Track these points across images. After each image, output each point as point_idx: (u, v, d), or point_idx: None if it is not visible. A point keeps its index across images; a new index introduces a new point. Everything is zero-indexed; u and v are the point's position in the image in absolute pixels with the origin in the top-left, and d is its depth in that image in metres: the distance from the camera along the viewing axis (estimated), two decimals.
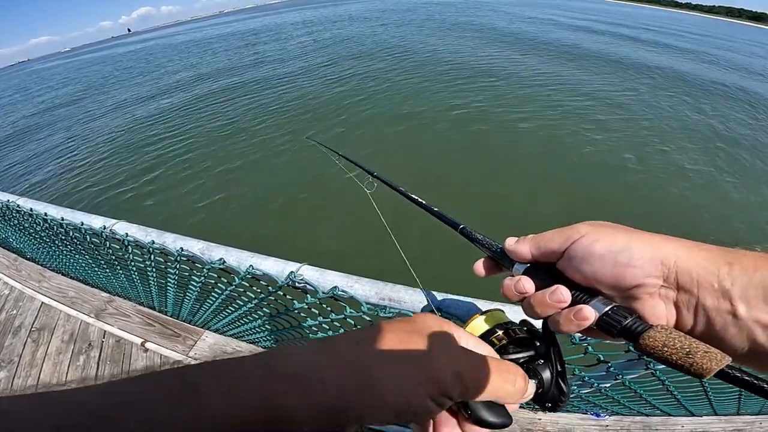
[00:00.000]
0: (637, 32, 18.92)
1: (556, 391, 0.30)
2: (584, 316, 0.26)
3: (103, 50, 39.64)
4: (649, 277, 0.24)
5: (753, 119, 6.96)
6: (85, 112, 10.15)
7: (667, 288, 0.24)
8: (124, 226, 0.99)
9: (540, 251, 0.30)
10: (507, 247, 0.33)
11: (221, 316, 1.41)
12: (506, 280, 0.32)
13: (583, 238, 0.27)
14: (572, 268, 0.28)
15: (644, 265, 0.24)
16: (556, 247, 0.29)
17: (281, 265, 0.87)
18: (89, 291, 1.85)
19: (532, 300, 0.29)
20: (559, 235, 0.29)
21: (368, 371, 0.21)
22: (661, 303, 0.25)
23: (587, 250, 0.27)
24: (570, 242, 0.28)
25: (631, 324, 0.24)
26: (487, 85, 7.73)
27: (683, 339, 0.22)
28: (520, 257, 0.32)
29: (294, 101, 7.68)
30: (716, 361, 0.20)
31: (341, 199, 3.80)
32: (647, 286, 0.25)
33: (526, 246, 0.31)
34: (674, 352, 0.22)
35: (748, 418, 1.17)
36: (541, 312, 0.29)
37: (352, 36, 15.74)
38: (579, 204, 3.99)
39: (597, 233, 0.27)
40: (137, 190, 5.06)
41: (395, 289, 0.79)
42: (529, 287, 0.30)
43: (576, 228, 0.28)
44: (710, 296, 0.22)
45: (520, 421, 1.32)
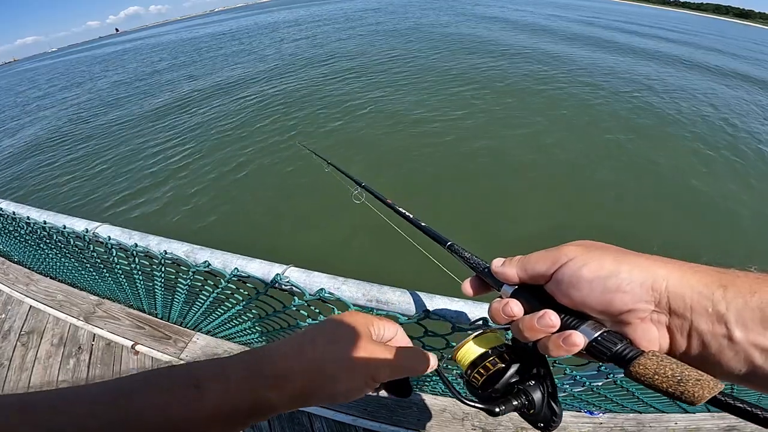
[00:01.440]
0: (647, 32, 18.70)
1: (548, 412, 0.30)
2: (573, 342, 0.26)
3: (90, 50, 39.13)
4: (640, 303, 0.24)
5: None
6: (70, 113, 10.06)
7: (659, 313, 0.24)
8: (107, 229, 0.98)
9: (527, 274, 0.30)
10: (493, 269, 0.32)
11: (211, 318, 1.42)
12: (494, 303, 0.31)
13: (570, 261, 0.27)
14: (560, 293, 0.28)
15: (634, 291, 0.24)
16: (543, 270, 0.29)
17: (267, 267, 0.87)
18: (78, 294, 1.84)
19: (521, 324, 0.29)
20: (546, 258, 0.29)
21: (324, 370, 0.29)
22: (653, 327, 0.25)
23: (575, 275, 0.26)
24: (557, 266, 0.28)
25: (622, 350, 0.24)
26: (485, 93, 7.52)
27: (674, 366, 0.22)
28: (506, 279, 0.31)
29: (284, 103, 7.57)
30: (708, 389, 0.20)
31: (332, 205, 3.77)
32: (638, 311, 0.24)
33: (513, 269, 0.31)
34: (665, 380, 0.22)
35: None
36: (530, 336, 0.29)
37: (345, 35, 15.58)
38: (572, 214, 3.94)
39: (585, 257, 0.27)
40: (122, 194, 5.01)
41: (382, 291, 0.79)
42: (517, 311, 0.30)
43: (563, 251, 0.28)
44: (704, 321, 0.22)
45: (514, 420, 1.34)
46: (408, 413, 1.39)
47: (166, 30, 46.41)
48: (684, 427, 1.19)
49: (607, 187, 4.45)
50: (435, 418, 1.37)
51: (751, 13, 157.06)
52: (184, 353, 1.61)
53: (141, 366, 1.61)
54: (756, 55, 16.12)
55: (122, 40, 46.81)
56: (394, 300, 0.77)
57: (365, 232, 3.47)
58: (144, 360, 1.62)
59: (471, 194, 4.24)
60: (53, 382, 1.61)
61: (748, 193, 4.54)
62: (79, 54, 35.49)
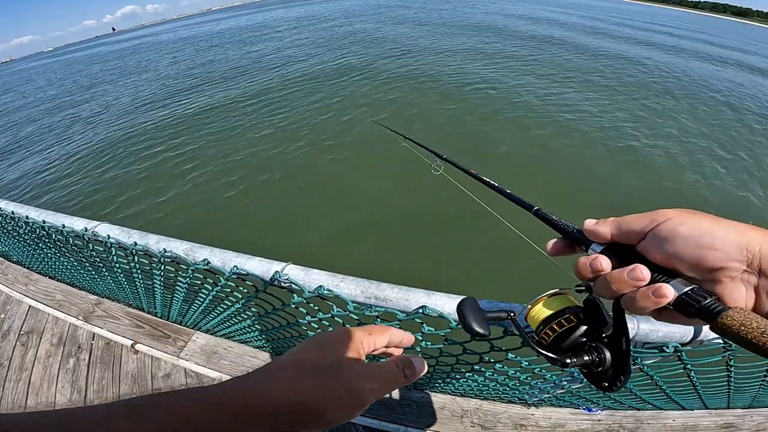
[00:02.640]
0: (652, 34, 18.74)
1: (616, 371, 0.31)
2: (663, 293, 0.27)
3: (87, 49, 39.03)
4: (733, 261, 0.25)
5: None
6: (71, 111, 10.08)
7: (750, 273, 0.25)
8: (107, 228, 1.00)
9: (621, 232, 0.31)
10: (586, 228, 0.34)
11: (211, 317, 1.44)
12: (582, 258, 0.32)
13: (669, 220, 0.29)
14: (654, 249, 0.29)
15: (728, 249, 0.26)
16: (639, 228, 0.30)
17: (266, 265, 0.89)
18: (77, 293, 1.86)
19: (609, 277, 0.30)
20: (644, 218, 0.30)
21: (309, 407, 0.28)
22: (742, 287, 0.26)
23: (672, 231, 0.28)
24: (655, 224, 0.29)
25: (710, 304, 0.25)
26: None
27: (760, 320, 0.23)
28: (599, 237, 0.33)
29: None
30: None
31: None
32: (729, 269, 0.26)
33: (607, 227, 0.32)
34: (750, 332, 0.23)
35: (738, 411, 1.20)
36: (617, 289, 0.30)
37: (354, 32, 15.54)
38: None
39: (683, 217, 0.28)
40: (124, 193, 5.01)
41: (380, 288, 0.80)
42: (606, 265, 0.31)
43: (662, 212, 0.30)
44: None
45: (513, 417, 1.36)
46: (407, 411, 1.41)
47: (164, 29, 46.17)
48: (681, 424, 1.21)
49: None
50: (434, 415, 1.39)
51: (749, 12, 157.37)
52: (184, 352, 1.63)
53: (141, 365, 1.63)
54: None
55: (120, 39, 46.76)
56: (393, 297, 0.79)
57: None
58: (144, 359, 1.64)
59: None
60: (53, 381, 1.64)
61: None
62: (76, 53, 35.50)
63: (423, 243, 3.41)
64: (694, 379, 0.90)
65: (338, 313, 0.89)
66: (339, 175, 4.63)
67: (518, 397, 1.31)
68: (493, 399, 1.38)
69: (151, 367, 1.62)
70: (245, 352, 1.61)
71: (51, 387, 1.62)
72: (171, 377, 1.59)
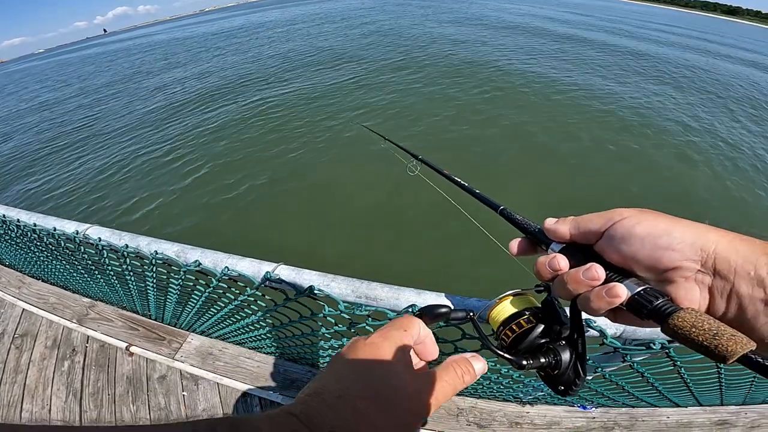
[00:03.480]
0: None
1: (572, 374, 0.31)
2: (616, 293, 0.27)
3: (79, 51, 39.02)
4: (687, 261, 0.26)
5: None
6: (62, 113, 10.08)
7: (704, 273, 0.26)
8: (97, 231, 1.01)
9: (579, 231, 0.32)
10: (546, 227, 0.34)
11: (204, 318, 1.46)
12: (540, 258, 0.33)
13: (624, 220, 0.29)
14: (611, 248, 0.29)
15: (684, 249, 0.26)
16: (596, 227, 0.30)
17: (257, 266, 0.91)
18: (70, 296, 1.88)
19: (566, 277, 0.30)
20: (601, 217, 0.31)
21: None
22: (696, 287, 0.26)
23: (628, 232, 0.28)
24: (611, 223, 0.30)
25: (662, 305, 0.25)
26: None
27: (711, 322, 0.23)
28: (558, 237, 0.33)
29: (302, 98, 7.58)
30: (741, 345, 0.21)
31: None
32: (684, 269, 0.26)
33: (566, 225, 0.33)
34: (701, 334, 0.22)
35: (732, 408, 1.22)
36: (573, 289, 0.30)
37: (342, 32, 15.55)
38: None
39: (639, 216, 0.29)
40: (120, 196, 5.03)
41: (371, 287, 0.82)
42: (563, 264, 0.31)
43: (618, 211, 0.30)
44: (745, 284, 0.24)
45: (509, 415, 1.38)
46: None
47: (156, 30, 45.99)
48: (676, 421, 1.23)
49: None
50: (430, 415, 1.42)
51: (739, 10, 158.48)
52: (179, 354, 1.65)
53: (136, 367, 1.65)
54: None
55: (112, 40, 46.71)
56: (383, 296, 0.80)
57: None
58: (139, 361, 1.66)
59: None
60: (48, 384, 1.66)
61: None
62: (68, 55, 35.47)
63: (404, 240, 3.49)
64: (685, 375, 0.92)
65: (330, 312, 0.91)
66: (328, 176, 4.70)
67: (513, 396, 1.33)
68: (488, 397, 1.40)
69: (147, 369, 1.65)
70: (240, 353, 1.63)
71: (47, 389, 1.64)
72: (166, 379, 1.61)
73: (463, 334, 0.72)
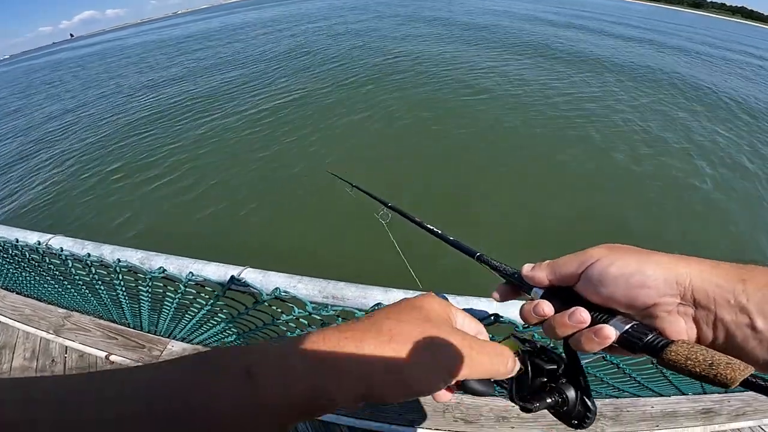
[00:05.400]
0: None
1: (581, 408, 0.33)
2: (605, 334, 0.28)
3: (46, 56, 38.49)
4: (665, 297, 0.27)
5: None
6: (24, 121, 9.97)
7: (685, 305, 0.27)
8: (60, 241, 1.03)
9: (556, 276, 0.33)
10: (524, 274, 0.36)
11: (182, 324, 1.49)
12: (525, 305, 0.34)
13: (597, 261, 0.30)
14: (589, 291, 0.31)
15: (658, 286, 0.27)
16: (571, 271, 0.32)
17: (223, 270, 0.93)
18: (44, 308, 1.90)
19: (553, 322, 0.32)
20: (574, 260, 0.32)
21: (400, 370, 0.26)
22: (681, 319, 0.27)
23: (602, 274, 0.30)
24: (585, 266, 0.31)
25: (653, 339, 0.26)
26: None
27: (705, 352, 0.24)
28: (537, 282, 0.35)
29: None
30: (739, 372, 0.22)
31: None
32: (664, 305, 0.27)
33: (543, 272, 0.34)
34: (697, 365, 0.23)
35: (715, 396, 1.27)
36: (561, 333, 0.32)
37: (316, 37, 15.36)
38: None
39: (611, 256, 0.30)
40: (94, 205, 5.03)
41: (338, 287, 0.84)
42: (548, 310, 0.33)
43: (590, 253, 0.32)
44: (728, 312, 0.25)
45: (495, 410, 1.42)
46: (390, 408, 1.48)
47: (127, 33, 45.17)
48: (661, 410, 1.27)
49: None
50: (417, 411, 1.46)
51: (703, 3, 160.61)
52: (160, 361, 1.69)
53: None
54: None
55: (80, 44, 46.10)
56: (350, 295, 0.83)
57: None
58: None
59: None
60: None
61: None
62: (35, 61, 35.01)
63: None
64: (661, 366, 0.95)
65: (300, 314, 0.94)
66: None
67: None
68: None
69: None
70: None
71: None
72: None
73: None
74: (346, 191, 1.09)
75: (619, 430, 1.25)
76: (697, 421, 1.24)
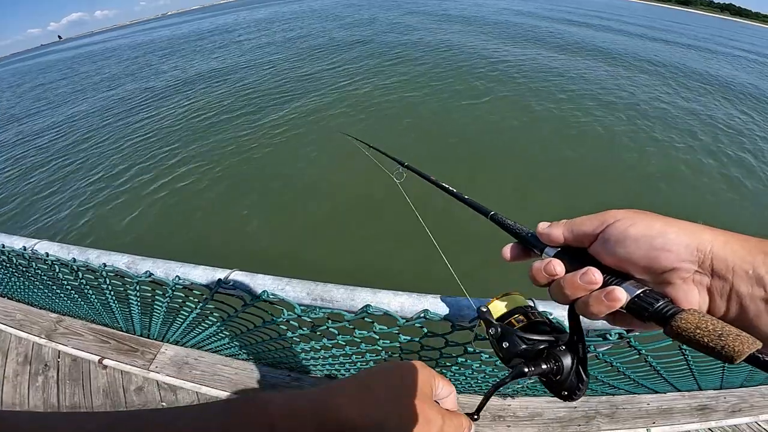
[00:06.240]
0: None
1: (574, 379, 0.33)
2: (615, 297, 0.28)
3: (34, 58, 38.28)
4: (684, 262, 0.26)
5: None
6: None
7: (702, 274, 0.26)
8: (45, 246, 1.03)
9: (573, 234, 0.32)
10: (539, 231, 0.35)
11: (174, 328, 1.50)
12: (536, 263, 0.34)
13: (618, 222, 0.30)
14: (605, 251, 0.30)
15: (680, 250, 0.26)
16: (590, 230, 0.31)
17: (210, 273, 0.93)
18: (36, 312, 1.90)
19: (562, 282, 0.31)
20: (594, 219, 0.31)
21: (384, 428, 0.29)
22: (695, 288, 0.27)
23: (623, 234, 0.29)
24: (605, 226, 0.30)
25: (663, 307, 0.26)
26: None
27: (716, 322, 0.23)
28: (552, 241, 0.34)
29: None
30: (747, 345, 0.22)
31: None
32: (681, 270, 0.27)
33: (559, 229, 0.33)
34: (706, 335, 0.23)
35: (711, 393, 1.27)
36: (570, 294, 0.31)
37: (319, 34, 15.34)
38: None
39: (633, 218, 0.29)
40: (75, 208, 5.01)
41: (326, 289, 0.84)
42: (559, 269, 0.32)
43: (611, 213, 0.31)
44: (744, 283, 0.24)
45: (491, 409, 1.43)
46: None
47: (114, 35, 44.46)
48: (657, 407, 1.28)
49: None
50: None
51: (692, 0, 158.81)
52: (154, 364, 1.70)
53: (111, 380, 1.71)
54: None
55: (68, 47, 45.60)
56: (338, 297, 0.83)
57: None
58: (113, 374, 1.71)
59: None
60: (24, 399, 1.72)
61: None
62: (22, 63, 34.88)
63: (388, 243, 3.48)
64: (654, 363, 0.96)
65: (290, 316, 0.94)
66: (307, 179, 4.69)
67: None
68: (469, 392, 1.45)
69: (122, 381, 1.70)
70: (217, 361, 1.68)
71: (24, 405, 1.69)
72: (144, 390, 1.66)
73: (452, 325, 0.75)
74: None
75: (616, 427, 1.26)
76: (694, 418, 1.25)
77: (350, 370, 1.42)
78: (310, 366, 1.54)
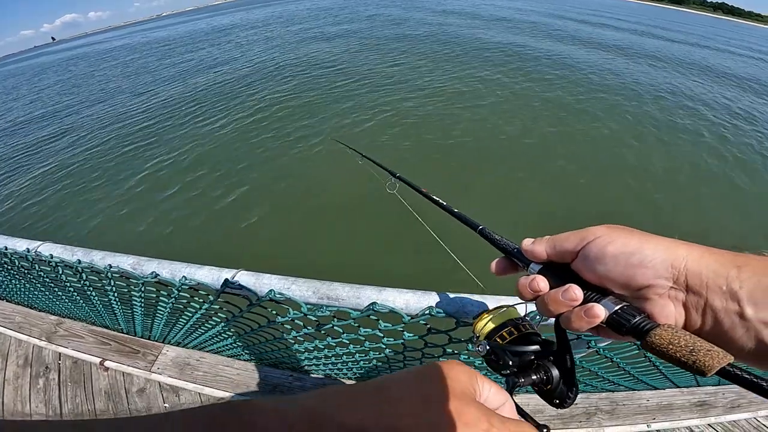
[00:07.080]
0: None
1: (564, 388, 0.35)
2: (595, 313, 0.29)
3: (27, 60, 38.08)
4: (659, 279, 0.28)
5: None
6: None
7: (677, 290, 0.27)
8: (49, 247, 1.05)
9: (555, 251, 0.34)
10: (523, 247, 0.37)
11: (176, 329, 1.51)
12: (521, 279, 0.36)
13: (597, 239, 0.31)
14: (586, 268, 0.32)
15: (655, 267, 0.28)
16: (571, 247, 0.33)
17: (216, 273, 0.94)
18: (36, 315, 1.91)
19: (546, 298, 0.33)
20: (575, 236, 0.33)
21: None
22: (671, 303, 0.28)
23: (601, 251, 0.30)
24: (585, 243, 0.32)
25: (640, 322, 0.27)
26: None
27: (688, 338, 0.25)
28: (535, 257, 0.36)
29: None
30: (718, 360, 0.23)
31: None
32: (657, 287, 0.28)
33: (542, 246, 0.35)
34: (678, 350, 0.24)
35: (709, 389, 1.30)
36: (553, 309, 0.32)
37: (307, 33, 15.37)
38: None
39: (611, 235, 0.31)
40: (80, 212, 4.99)
41: (332, 287, 0.86)
42: (543, 286, 0.34)
43: (591, 230, 0.32)
44: (718, 298, 0.25)
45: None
46: None
47: (108, 37, 44.00)
48: (656, 403, 1.31)
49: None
50: None
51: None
52: (155, 366, 1.71)
53: (112, 382, 1.72)
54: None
55: (61, 48, 45.36)
56: (344, 295, 0.85)
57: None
58: (114, 375, 1.72)
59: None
60: (26, 401, 1.73)
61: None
62: (16, 65, 34.65)
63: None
64: (653, 358, 0.99)
65: (296, 315, 0.96)
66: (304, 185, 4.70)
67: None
68: None
69: (124, 383, 1.71)
70: (219, 362, 1.70)
71: (25, 407, 1.70)
72: (146, 392, 1.68)
73: (457, 322, 0.77)
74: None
75: (616, 423, 1.29)
76: (693, 414, 1.28)
77: (353, 369, 1.44)
78: (312, 366, 1.56)
